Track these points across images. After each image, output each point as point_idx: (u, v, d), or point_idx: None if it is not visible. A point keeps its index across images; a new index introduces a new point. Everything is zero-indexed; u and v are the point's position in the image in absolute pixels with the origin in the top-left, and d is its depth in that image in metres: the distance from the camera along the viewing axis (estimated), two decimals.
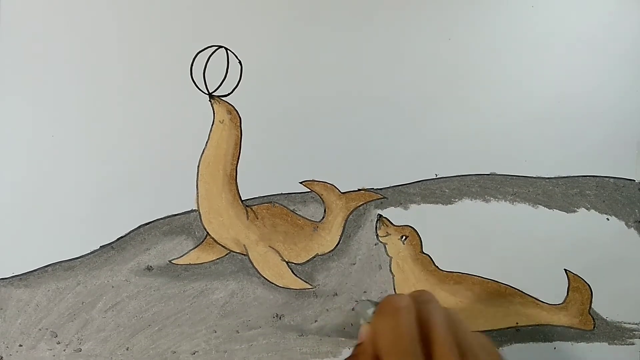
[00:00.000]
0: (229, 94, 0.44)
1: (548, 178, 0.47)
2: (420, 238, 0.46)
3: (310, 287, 0.45)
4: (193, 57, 0.44)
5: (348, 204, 0.45)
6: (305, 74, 0.45)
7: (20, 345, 0.43)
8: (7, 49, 0.42)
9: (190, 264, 0.44)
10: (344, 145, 0.45)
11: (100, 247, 0.43)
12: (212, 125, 0.44)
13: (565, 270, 0.47)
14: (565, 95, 0.47)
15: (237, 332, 0.44)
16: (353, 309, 0.45)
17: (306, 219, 0.45)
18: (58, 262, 0.43)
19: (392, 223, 0.46)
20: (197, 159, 0.44)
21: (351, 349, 0.45)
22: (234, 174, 0.44)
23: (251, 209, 0.45)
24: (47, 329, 0.43)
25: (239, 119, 0.44)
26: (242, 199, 0.44)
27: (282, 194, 0.45)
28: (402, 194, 0.46)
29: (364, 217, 0.45)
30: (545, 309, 0.47)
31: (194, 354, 0.44)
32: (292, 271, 0.45)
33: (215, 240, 0.44)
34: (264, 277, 0.45)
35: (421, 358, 0.30)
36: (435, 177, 0.46)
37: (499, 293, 0.46)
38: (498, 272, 0.46)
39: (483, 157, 0.46)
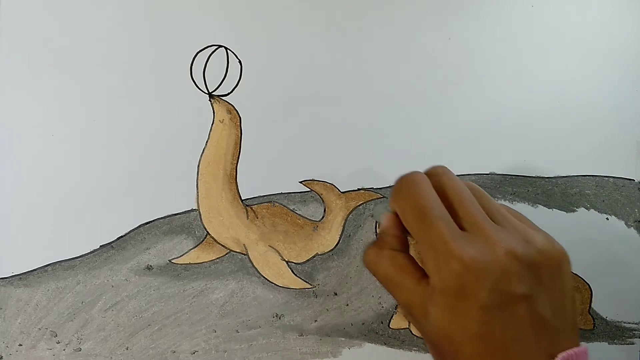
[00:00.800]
0: (228, 94, 0.44)
1: (547, 177, 0.47)
2: None
3: (310, 286, 0.45)
4: (193, 56, 0.44)
5: (348, 204, 0.45)
6: (305, 73, 0.45)
7: (20, 345, 0.43)
8: (6, 48, 0.42)
9: (190, 264, 0.44)
10: (344, 145, 0.45)
11: (100, 246, 0.43)
12: (212, 124, 0.44)
13: None
14: (565, 95, 0.47)
15: (237, 331, 0.44)
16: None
17: (306, 218, 0.45)
18: (58, 262, 0.43)
19: None
20: (197, 158, 0.44)
21: (351, 349, 0.45)
22: (234, 173, 0.44)
23: (251, 208, 0.45)
24: (46, 328, 0.43)
25: (239, 118, 0.44)
26: (242, 198, 0.44)
27: (282, 193, 0.45)
28: None
29: (363, 217, 0.45)
30: None
31: (194, 353, 0.44)
32: (292, 271, 0.45)
33: (215, 240, 0.44)
34: (264, 277, 0.45)
35: (451, 221, 0.29)
36: None
37: None
38: None
39: (482, 157, 0.46)
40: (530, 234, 0.29)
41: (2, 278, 0.43)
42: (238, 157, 0.44)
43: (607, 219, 0.47)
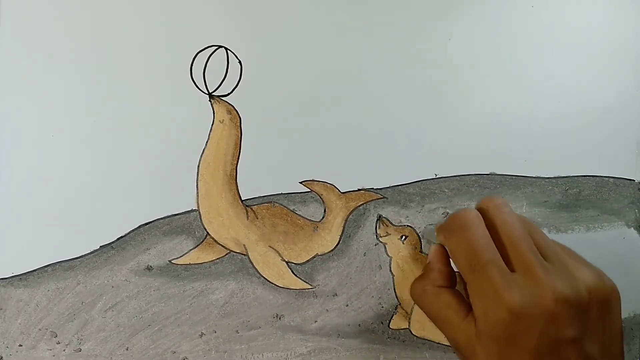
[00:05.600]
0: (229, 94, 0.44)
1: (548, 178, 0.47)
2: (420, 238, 0.46)
3: (310, 287, 0.45)
4: (193, 57, 0.44)
5: (348, 204, 0.45)
6: (305, 74, 0.45)
7: (20, 345, 0.43)
8: (6, 48, 0.42)
9: (190, 264, 0.44)
10: (344, 145, 0.45)
11: (100, 247, 0.43)
12: (212, 125, 0.44)
13: None
14: (565, 95, 0.47)
15: (237, 332, 0.44)
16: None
17: (306, 219, 0.45)
18: (58, 262, 0.43)
19: (391, 223, 0.46)
20: (197, 159, 0.44)
21: (351, 349, 0.45)
22: (234, 174, 0.44)
23: (251, 209, 0.45)
24: (47, 329, 0.43)
25: (239, 118, 0.44)
26: (242, 199, 0.44)
27: (282, 194, 0.45)
28: (402, 194, 0.46)
29: (364, 217, 0.45)
30: None
31: (194, 354, 0.44)
32: (292, 271, 0.45)
33: (215, 240, 0.44)
34: (264, 277, 0.45)
35: (502, 264, 0.29)
36: (435, 177, 0.46)
37: None
38: None
39: (483, 157, 0.46)
40: (581, 272, 0.30)
41: (2, 278, 0.43)
42: (238, 158, 0.44)
43: (607, 219, 0.47)
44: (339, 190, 0.45)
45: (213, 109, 0.44)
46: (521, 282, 0.28)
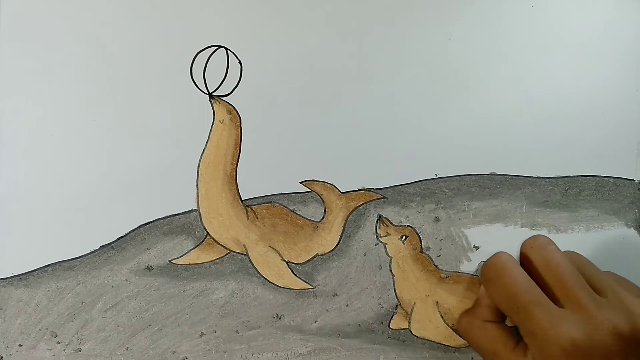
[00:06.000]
0: (229, 94, 0.44)
1: (548, 178, 0.47)
2: (420, 238, 0.46)
3: (310, 287, 0.45)
4: (193, 57, 0.44)
5: (348, 204, 0.45)
6: (305, 74, 0.45)
7: (20, 345, 0.43)
8: (6, 48, 0.42)
9: (190, 264, 0.44)
10: (344, 145, 0.45)
11: (100, 247, 0.43)
12: (212, 125, 0.44)
13: None
14: (565, 95, 0.47)
15: (237, 332, 0.44)
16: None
17: (306, 218, 0.45)
18: (58, 262, 0.43)
19: (392, 223, 0.46)
20: (197, 159, 0.44)
21: (350, 349, 0.45)
22: (234, 174, 0.44)
23: (251, 208, 0.45)
24: (47, 329, 0.43)
25: (239, 118, 0.44)
26: (242, 199, 0.44)
27: (282, 193, 0.45)
28: (402, 194, 0.46)
29: (364, 217, 0.45)
30: None
31: (194, 354, 0.44)
32: (292, 271, 0.45)
33: (215, 240, 0.44)
34: (264, 277, 0.45)
35: (547, 302, 0.29)
36: (435, 177, 0.46)
37: None
38: None
39: (483, 157, 0.46)
40: (637, 305, 0.29)
41: (2, 278, 0.43)
42: (238, 158, 0.44)
43: (607, 219, 0.47)
44: (339, 190, 0.45)
45: (213, 109, 0.44)
46: (571, 318, 0.28)
